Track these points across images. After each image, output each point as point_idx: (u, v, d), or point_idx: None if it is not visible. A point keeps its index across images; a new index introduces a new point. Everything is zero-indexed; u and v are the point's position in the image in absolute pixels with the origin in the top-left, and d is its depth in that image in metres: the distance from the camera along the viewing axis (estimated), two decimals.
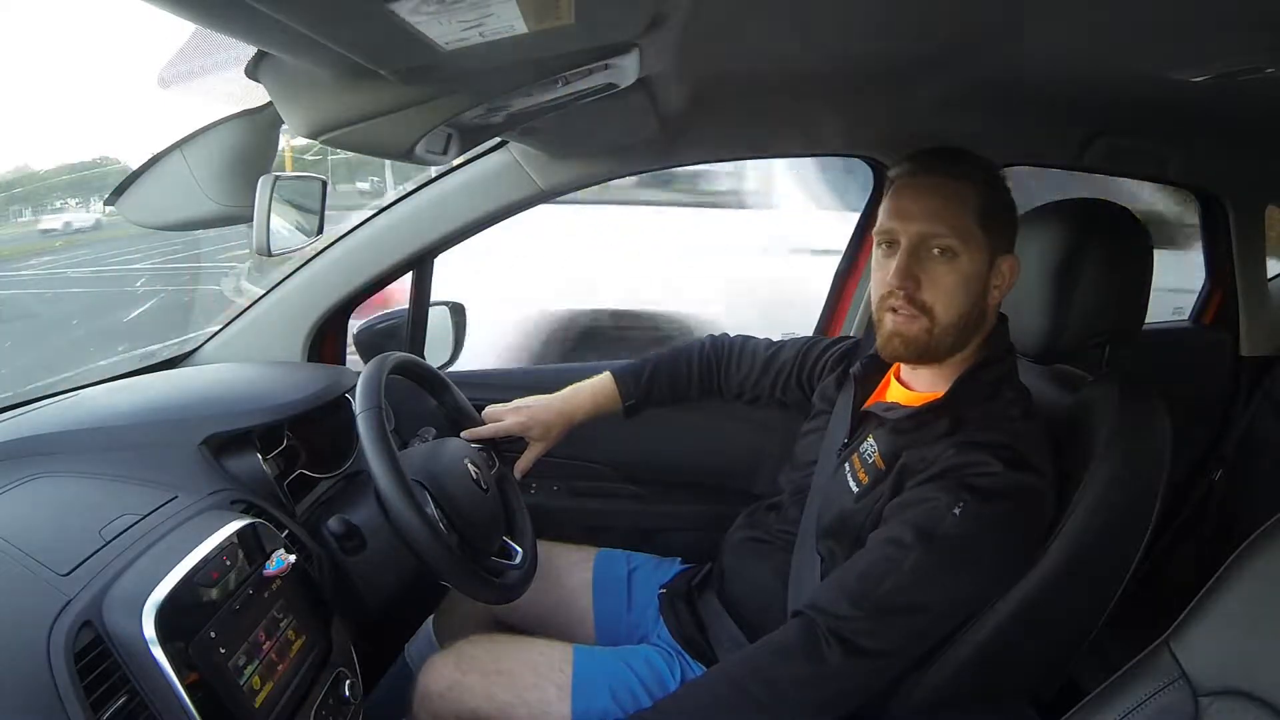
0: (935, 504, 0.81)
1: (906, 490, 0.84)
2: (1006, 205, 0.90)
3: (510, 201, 1.24)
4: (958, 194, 0.86)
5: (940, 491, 0.81)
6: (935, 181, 0.87)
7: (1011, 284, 0.90)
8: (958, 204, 0.85)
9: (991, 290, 0.89)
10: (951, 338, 0.88)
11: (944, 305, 0.86)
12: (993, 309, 0.90)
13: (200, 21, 0.48)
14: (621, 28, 0.64)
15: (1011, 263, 0.89)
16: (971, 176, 0.87)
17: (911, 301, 0.86)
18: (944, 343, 0.88)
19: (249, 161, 0.78)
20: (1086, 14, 0.73)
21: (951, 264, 0.85)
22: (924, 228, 0.85)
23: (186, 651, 0.63)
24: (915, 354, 0.89)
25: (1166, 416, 0.89)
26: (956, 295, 0.86)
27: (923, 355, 0.89)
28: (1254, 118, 1.17)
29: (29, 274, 6.86)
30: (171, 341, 4.32)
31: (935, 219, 0.85)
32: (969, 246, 0.85)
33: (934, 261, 0.86)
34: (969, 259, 0.85)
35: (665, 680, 0.96)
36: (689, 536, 1.31)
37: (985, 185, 0.87)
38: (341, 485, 1.02)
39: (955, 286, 0.86)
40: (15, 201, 8.22)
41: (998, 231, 0.87)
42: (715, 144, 1.36)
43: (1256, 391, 1.57)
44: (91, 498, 0.77)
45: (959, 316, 0.87)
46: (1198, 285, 1.64)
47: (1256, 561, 0.63)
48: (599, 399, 1.14)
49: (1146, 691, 0.64)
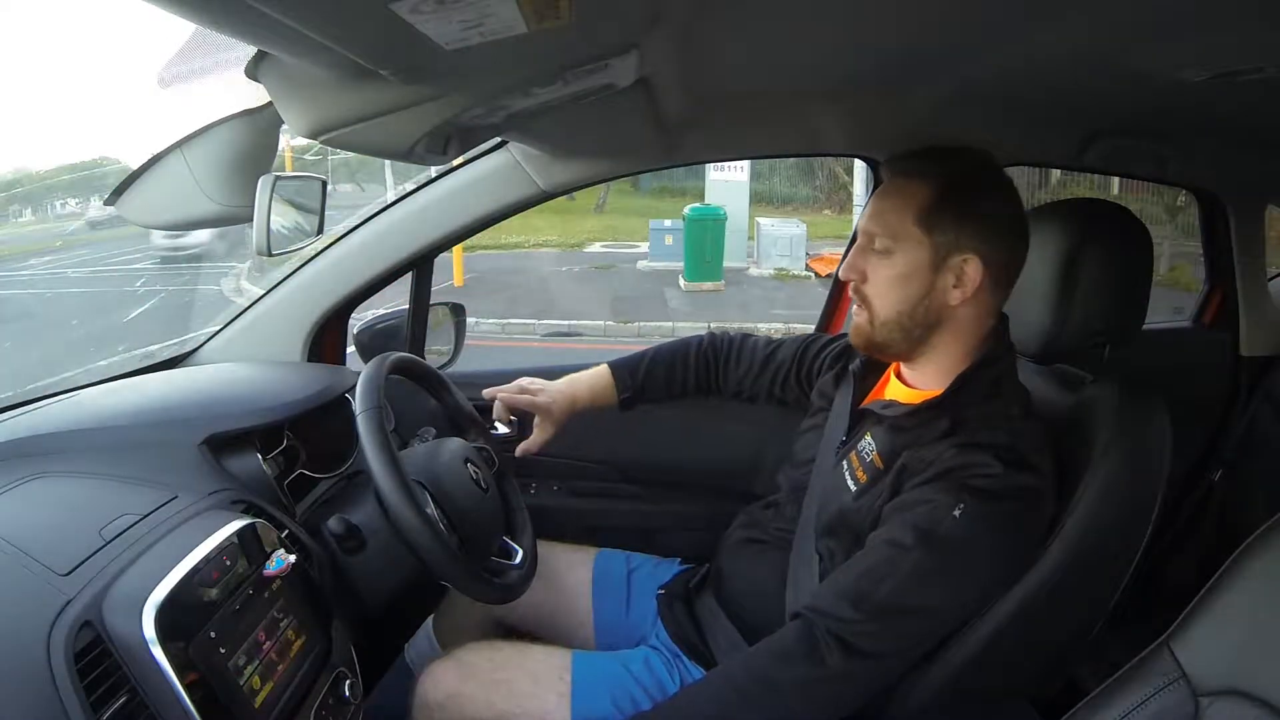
0: (936, 505, 0.81)
1: (905, 491, 0.84)
2: (971, 206, 0.86)
3: (510, 201, 1.24)
4: (903, 195, 0.88)
5: (940, 493, 0.81)
6: (891, 184, 0.90)
7: (978, 285, 0.86)
8: (899, 206, 0.87)
9: (948, 290, 0.86)
10: (897, 333, 0.89)
11: (880, 300, 0.89)
12: (961, 309, 0.88)
13: (200, 21, 0.48)
14: (621, 28, 0.64)
15: (975, 263, 0.85)
16: (923, 175, 0.87)
17: (858, 293, 0.91)
18: (891, 337, 0.90)
19: (249, 161, 0.78)
20: (1086, 14, 0.72)
21: (887, 260, 0.88)
22: (866, 225, 0.90)
23: (186, 651, 0.63)
24: (865, 345, 0.93)
25: (1166, 416, 0.89)
26: (891, 291, 0.88)
27: (873, 348, 0.93)
28: (1254, 118, 1.17)
29: (29, 274, 6.87)
30: (171, 341, 4.33)
31: (876, 219, 0.89)
32: (903, 246, 0.87)
33: (875, 257, 0.89)
34: (904, 258, 0.87)
35: (665, 683, 0.96)
36: (689, 536, 1.31)
37: (942, 186, 0.86)
38: (341, 485, 1.02)
39: (888, 283, 0.88)
40: (15, 201, 8.24)
41: (948, 230, 0.85)
42: (715, 144, 1.36)
43: (1256, 391, 1.57)
44: (91, 498, 0.77)
45: (899, 313, 0.88)
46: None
47: (1256, 561, 0.63)
48: (596, 389, 1.14)
49: (1146, 691, 0.64)
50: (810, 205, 12.43)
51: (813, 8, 0.76)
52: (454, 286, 7.09)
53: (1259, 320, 1.55)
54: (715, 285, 7.74)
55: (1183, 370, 1.55)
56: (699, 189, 9.57)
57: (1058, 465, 0.86)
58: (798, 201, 12.66)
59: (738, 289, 7.84)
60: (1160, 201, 5.77)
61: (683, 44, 0.81)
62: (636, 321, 6.64)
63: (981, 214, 0.87)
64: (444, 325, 1.35)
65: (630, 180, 11.18)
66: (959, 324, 0.89)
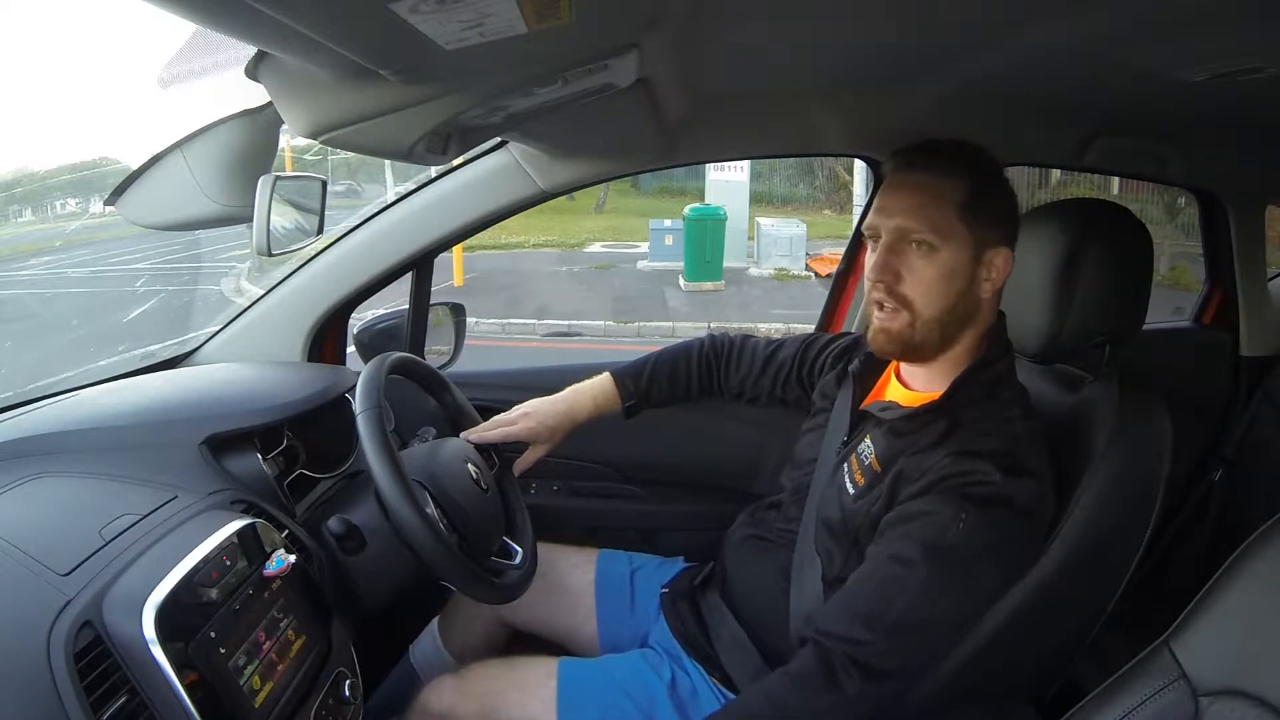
0: (937, 517, 0.80)
1: (902, 501, 0.84)
2: (998, 198, 0.88)
3: (510, 201, 1.24)
4: (939, 189, 0.85)
5: (941, 504, 0.80)
6: (917, 178, 0.86)
7: (1005, 276, 0.88)
8: (938, 200, 0.85)
9: (981, 283, 0.87)
10: (937, 332, 0.87)
11: (924, 299, 0.86)
12: (987, 302, 0.89)
13: (200, 21, 0.48)
14: (621, 28, 0.64)
15: (1005, 255, 0.87)
16: (954, 171, 0.85)
17: (892, 294, 0.86)
18: (930, 337, 0.87)
19: (249, 161, 0.78)
20: (1086, 14, 0.72)
21: (930, 258, 0.85)
22: (902, 222, 0.86)
23: (186, 651, 0.63)
24: (900, 349, 0.89)
25: (1166, 416, 0.89)
26: (936, 289, 0.86)
27: (908, 351, 0.89)
28: (1254, 118, 1.17)
29: (29, 274, 6.87)
30: (171, 341, 4.33)
31: (914, 214, 0.85)
32: (949, 242, 0.85)
33: (913, 255, 0.86)
34: (950, 253, 0.85)
35: (651, 688, 0.96)
36: (691, 536, 1.31)
37: (972, 179, 0.86)
38: (341, 485, 1.02)
39: (935, 280, 0.85)
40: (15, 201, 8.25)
41: (986, 224, 0.86)
42: (715, 144, 1.36)
43: (1256, 391, 1.57)
44: (91, 498, 0.77)
45: (941, 310, 0.86)
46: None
47: (1256, 561, 0.63)
48: (599, 400, 1.14)
49: (1146, 691, 0.64)
50: (810, 205, 12.44)
51: (812, 8, 0.76)
52: (454, 286, 7.10)
53: (1259, 320, 1.55)
54: (715, 285, 7.74)
55: (1183, 370, 1.55)
56: (699, 189, 9.58)
57: (1057, 465, 0.86)
58: (798, 201, 12.67)
59: (738, 289, 7.84)
60: (1160, 201, 5.78)
61: (683, 44, 0.81)
62: (636, 321, 6.65)
63: (1006, 205, 0.89)
64: (444, 325, 1.35)
65: (630, 180, 11.19)
66: (981, 317, 0.89)
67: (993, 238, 0.87)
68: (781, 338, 1.19)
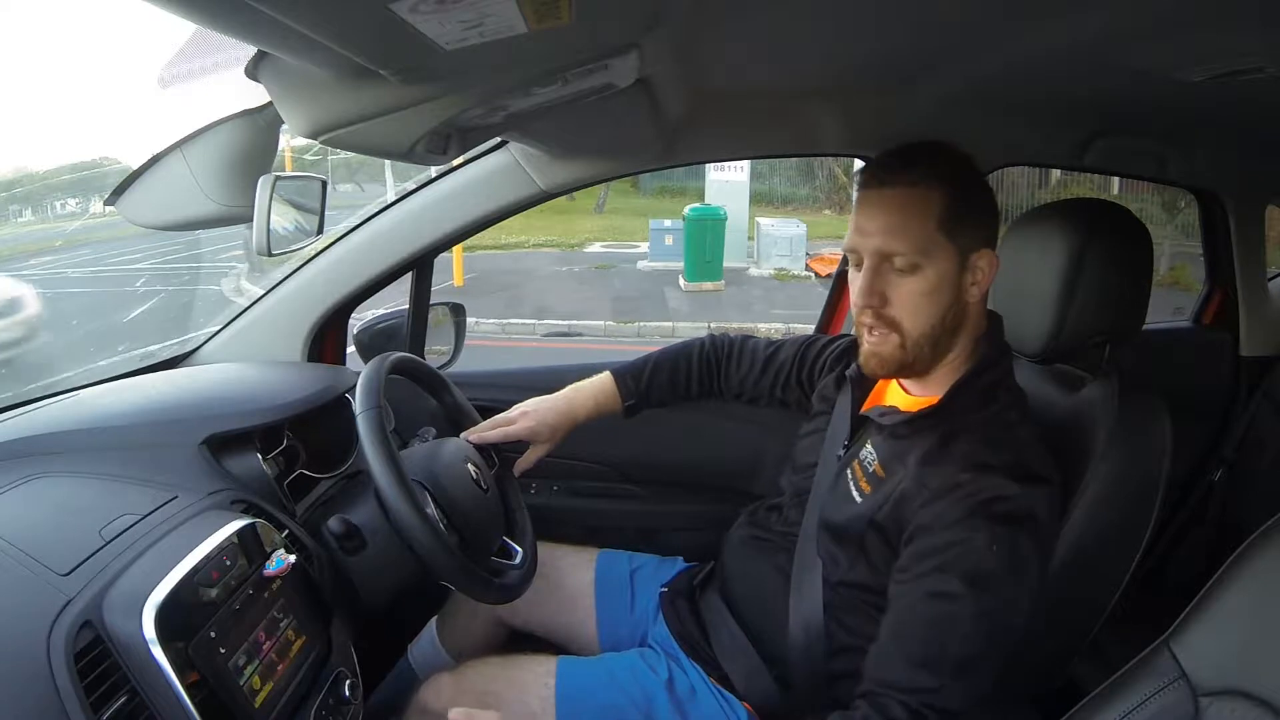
0: (970, 545, 0.78)
1: (915, 513, 0.81)
2: (978, 201, 0.86)
3: (510, 201, 1.24)
4: (917, 203, 0.82)
5: (970, 530, 0.78)
6: (892, 193, 0.83)
7: (992, 276, 0.86)
8: (918, 215, 0.82)
9: (968, 289, 0.86)
10: (928, 348, 0.86)
11: (912, 318, 0.84)
12: (975, 305, 0.87)
13: (200, 21, 0.48)
14: (621, 28, 0.64)
15: (989, 256, 0.85)
16: (931, 180, 0.82)
17: (880, 318, 0.85)
18: (921, 354, 0.86)
19: (249, 161, 0.78)
20: (1086, 14, 0.73)
21: (915, 277, 0.83)
22: (882, 244, 0.83)
23: (186, 651, 0.63)
24: (893, 371, 0.88)
25: (1166, 416, 0.89)
26: (924, 306, 0.84)
27: (902, 370, 0.88)
28: (1254, 118, 1.17)
29: (29, 274, 6.86)
30: (171, 341, 4.33)
31: (893, 235, 0.82)
32: (932, 258, 0.82)
33: (896, 275, 0.83)
34: (934, 269, 0.83)
35: (650, 686, 0.96)
36: (690, 536, 1.31)
37: (948, 188, 0.83)
38: (341, 485, 1.02)
39: (921, 297, 0.84)
40: (15, 201, 8.24)
41: (967, 231, 0.84)
42: (715, 144, 1.36)
43: (1256, 391, 1.57)
44: (91, 498, 0.77)
45: (931, 326, 0.85)
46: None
47: (1256, 561, 0.63)
48: (600, 399, 1.14)
49: (1146, 691, 0.64)
50: (810, 205, 12.42)
51: (812, 8, 0.76)
52: (454, 286, 7.09)
53: (1259, 320, 1.55)
54: (715, 285, 7.74)
55: (1183, 370, 1.55)
56: (699, 189, 9.56)
57: (1058, 465, 0.86)
58: (798, 201, 12.65)
59: (738, 289, 7.83)
60: (1160, 201, 5.78)
61: (683, 44, 0.81)
62: (636, 321, 6.64)
63: (984, 206, 0.87)
64: (444, 325, 1.36)
65: (630, 180, 11.18)
66: (971, 321, 0.88)
67: (975, 241, 0.85)
68: (781, 339, 1.19)
